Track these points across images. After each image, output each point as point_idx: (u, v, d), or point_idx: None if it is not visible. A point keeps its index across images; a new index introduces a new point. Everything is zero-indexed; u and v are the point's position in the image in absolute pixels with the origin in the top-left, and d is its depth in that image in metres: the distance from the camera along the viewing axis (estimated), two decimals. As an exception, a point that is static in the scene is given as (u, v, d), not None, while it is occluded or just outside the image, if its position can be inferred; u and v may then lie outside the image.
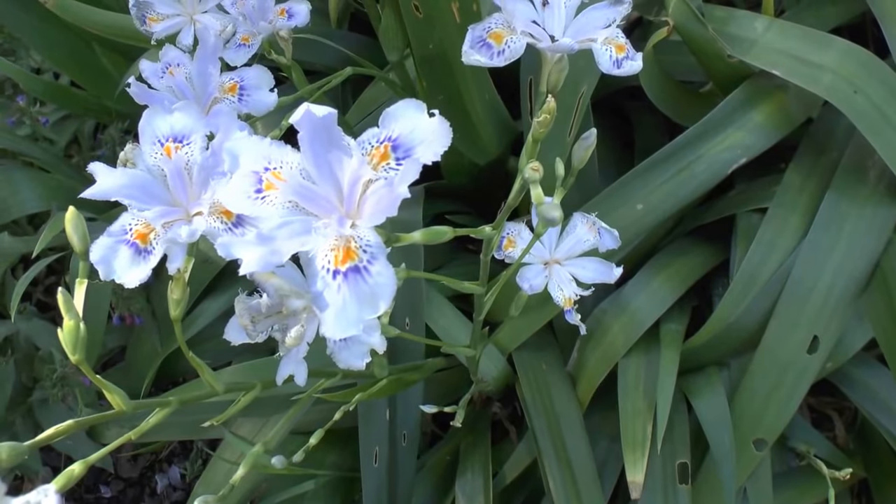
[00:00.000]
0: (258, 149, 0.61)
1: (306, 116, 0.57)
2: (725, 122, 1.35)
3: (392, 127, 0.59)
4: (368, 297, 0.55)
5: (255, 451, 0.99)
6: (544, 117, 0.69)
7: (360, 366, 0.87)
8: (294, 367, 0.84)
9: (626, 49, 0.84)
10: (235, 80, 0.99)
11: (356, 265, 0.56)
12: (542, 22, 0.82)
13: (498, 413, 1.59)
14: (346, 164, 0.59)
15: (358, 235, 0.56)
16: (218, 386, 0.83)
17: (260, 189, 0.60)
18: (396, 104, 0.59)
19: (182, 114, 0.73)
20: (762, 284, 1.32)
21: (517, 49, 0.81)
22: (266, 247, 0.57)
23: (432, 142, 0.58)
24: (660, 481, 1.31)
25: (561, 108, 1.30)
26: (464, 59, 0.80)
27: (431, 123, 0.58)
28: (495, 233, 0.76)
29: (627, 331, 1.37)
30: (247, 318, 0.77)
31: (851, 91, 1.27)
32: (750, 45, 1.33)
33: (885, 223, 1.32)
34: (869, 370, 1.44)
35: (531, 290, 1.00)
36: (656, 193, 1.34)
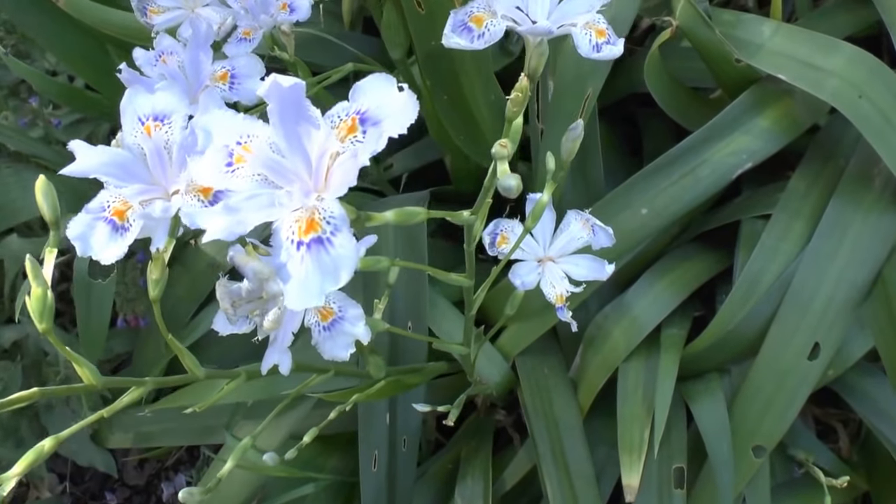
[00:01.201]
0: (230, 123, 0.61)
1: (274, 88, 0.57)
2: (731, 126, 1.34)
3: (361, 100, 0.59)
4: (331, 269, 0.55)
5: (243, 444, 0.99)
6: (516, 95, 0.68)
7: (344, 357, 0.86)
8: (278, 357, 0.84)
9: (606, 34, 0.84)
10: (227, 69, 1.00)
11: (319, 236, 0.55)
12: (526, 7, 0.82)
13: (502, 420, 1.58)
14: (314, 137, 0.58)
15: (322, 207, 0.56)
16: (199, 371, 0.83)
17: (231, 163, 0.60)
18: (366, 78, 0.59)
19: (164, 93, 0.73)
20: (764, 290, 1.31)
21: (497, 32, 0.81)
22: (231, 217, 0.57)
23: (399, 115, 0.58)
24: (655, 485, 1.30)
25: (566, 112, 1.31)
26: (444, 41, 0.80)
27: (400, 97, 0.58)
28: (475, 218, 0.76)
29: (628, 336, 1.36)
30: (227, 301, 0.77)
31: (857, 96, 1.26)
32: (757, 49, 1.32)
33: (889, 231, 1.31)
34: (873, 380, 1.42)
35: (523, 286, 1.00)
36: (661, 198, 1.33)
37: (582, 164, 1.40)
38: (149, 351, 1.62)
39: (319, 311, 0.87)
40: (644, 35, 1.68)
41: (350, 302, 0.88)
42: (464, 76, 1.28)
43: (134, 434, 1.60)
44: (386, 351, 1.35)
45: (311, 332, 0.87)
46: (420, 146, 1.66)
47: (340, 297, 0.88)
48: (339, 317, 0.87)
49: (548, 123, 1.33)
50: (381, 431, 1.36)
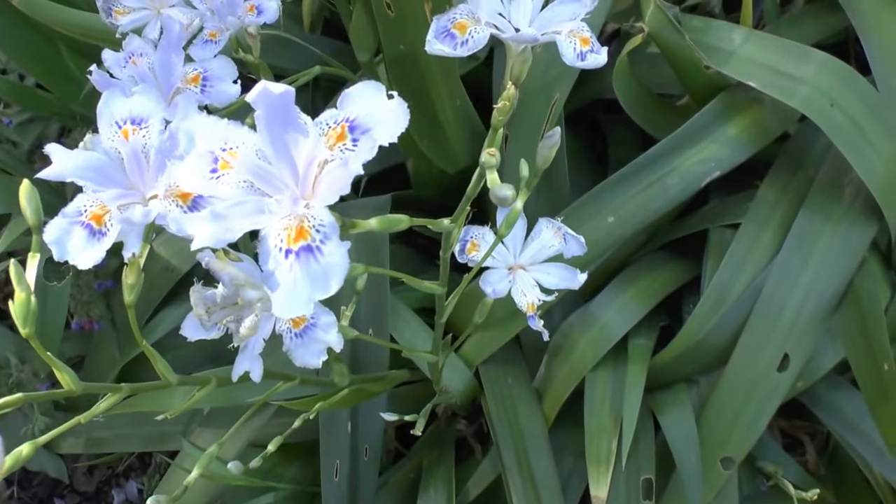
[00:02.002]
0: (214, 129, 0.63)
1: (263, 94, 0.58)
2: (699, 134, 1.37)
3: (350, 108, 0.61)
4: (320, 277, 0.56)
5: (209, 453, 1.00)
6: (503, 104, 0.70)
7: (316, 364, 0.88)
8: (250, 364, 0.86)
9: (590, 42, 0.86)
10: (199, 71, 1.01)
11: (308, 244, 0.57)
12: (509, 15, 0.85)
13: (463, 430, 1.60)
14: (302, 144, 0.60)
15: (311, 215, 0.58)
16: (172, 377, 0.84)
17: (215, 169, 0.61)
18: (356, 85, 0.61)
19: (141, 97, 0.74)
20: (733, 301, 1.34)
21: (480, 39, 0.83)
22: (219, 224, 0.58)
23: (390, 123, 0.59)
24: (624, 497, 1.33)
25: (533, 117, 1.34)
26: (427, 48, 0.82)
27: (390, 105, 0.60)
28: (454, 226, 0.78)
29: (595, 345, 1.39)
30: (202, 307, 0.78)
31: (828, 104, 1.29)
32: (727, 56, 1.35)
33: (859, 242, 1.34)
34: (841, 393, 1.45)
35: (494, 294, 1.02)
36: (628, 206, 1.35)
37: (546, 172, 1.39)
38: (103, 355, 1.62)
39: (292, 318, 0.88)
40: (609, 40, 1.71)
41: (322, 309, 0.90)
42: (430, 81, 1.30)
43: (86, 439, 1.60)
44: (347, 359, 1.36)
45: (283, 338, 0.89)
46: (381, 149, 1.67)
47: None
48: (311, 324, 0.89)
49: (513, 130, 1.35)
50: (342, 440, 1.38)
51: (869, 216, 1.34)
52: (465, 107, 1.39)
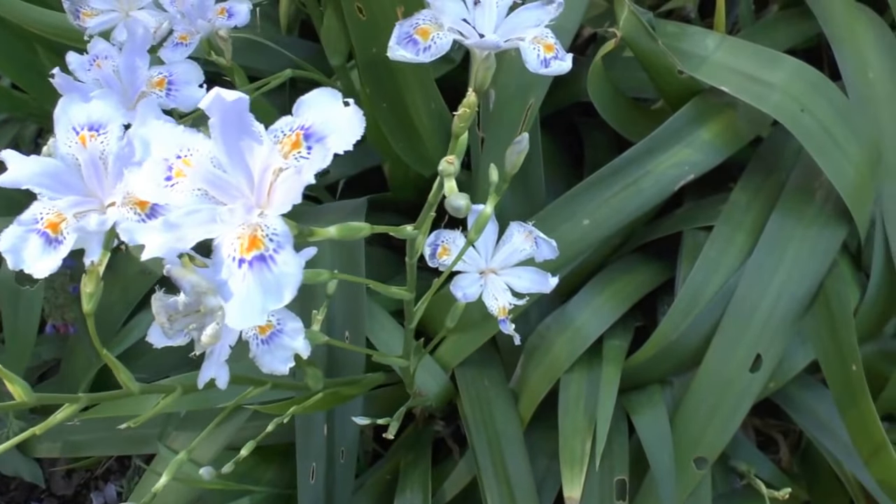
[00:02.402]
0: (169, 135, 0.60)
1: (216, 101, 0.56)
2: (673, 138, 1.35)
3: (306, 115, 0.58)
4: (274, 287, 0.54)
5: (178, 459, 0.97)
6: (463, 111, 0.68)
7: (283, 370, 0.86)
8: (215, 371, 0.83)
9: (555, 49, 0.84)
10: (164, 75, 0.98)
11: (262, 254, 0.55)
12: (473, 20, 0.82)
13: (441, 431, 1.58)
14: (257, 152, 0.58)
15: (265, 224, 0.56)
16: (133, 386, 0.82)
17: (170, 177, 0.59)
18: (311, 92, 0.59)
19: (100, 102, 0.72)
20: (706, 302, 1.32)
21: (443, 45, 0.81)
22: (171, 233, 0.56)
23: (345, 131, 0.57)
24: (597, 498, 1.31)
25: (508, 121, 1.32)
26: (389, 53, 0.80)
27: (345, 113, 0.57)
28: (417, 233, 0.76)
29: (570, 347, 1.37)
30: (164, 316, 0.76)
31: (799, 109, 1.27)
32: (700, 62, 1.34)
33: (830, 245, 1.33)
34: (813, 392, 1.44)
35: (465, 298, 1.00)
36: (603, 209, 1.33)
37: (523, 175, 1.38)
38: (78, 358, 1.60)
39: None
40: (586, 44, 1.69)
41: (289, 315, 0.87)
42: (404, 84, 1.28)
43: (62, 443, 1.57)
44: (323, 362, 1.35)
45: (250, 345, 0.86)
46: (358, 152, 1.63)
47: (279, 309, 0.87)
48: (277, 330, 0.86)
49: (489, 133, 1.33)
50: (318, 443, 1.36)
51: (839, 219, 1.33)
52: (440, 110, 1.37)
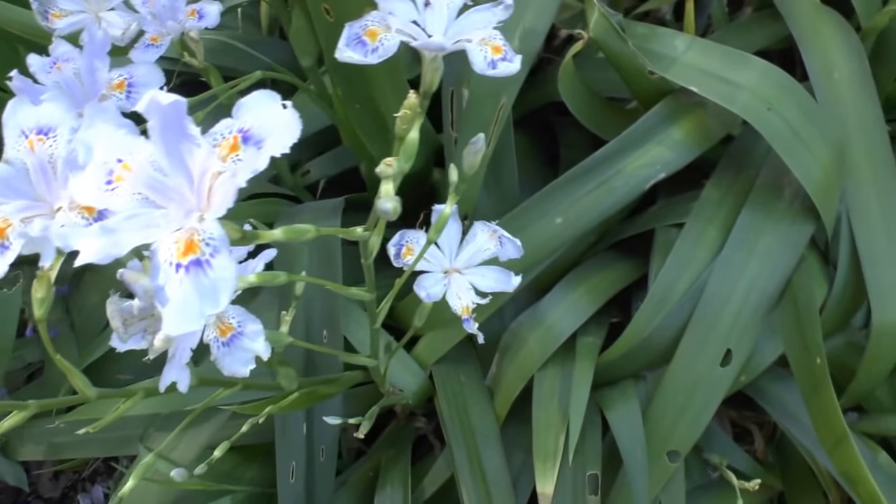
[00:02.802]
0: (111, 139, 0.59)
1: (153, 105, 0.55)
2: (645, 137, 1.33)
3: (244, 118, 0.57)
4: (210, 292, 0.53)
5: (146, 462, 0.96)
6: (404, 113, 0.67)
7: (244, 373, 0.84)
8: (176, 374, 0.81)
9: (503, 50, 0.82)
10: (124, 77, 0.96)
11: (198, 258, 0.53)
12: (424, 22, 0.81)
13: (422, 428, 1.57)
14: (196, 155, 0.56)
15: (202, 228, 0.54)
16: (90, 392, 0.80)
17: (111, 181, 0.58)
18: (250, 95, 0.57)
19: (50, 105, 0.70)
20: (678, 298, 1.31)
21: (390, 47, 0.79)
22: (107, 238, 0.54)
23: (283, 133, 0.55)
24: (570, 492, 1.30)
25: (480, 120, 1.30)
26: (337, 55, 0.78)
27: (283, 115, 0.56)
28: (369, 234, 0.74)
29: (544, 344, 1.35)
30: (118, 320, 0.74)
31: (766, 109, 1.26)
32: (670, 63, 1.32)
33: (798, 240, 1.32)
34: (783, 384, 1.43)
35: (429, 298, 0.98)
36: (575, 207, 1.32)
37: (497, 174, 1.39)
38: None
39: (218, 326, 0.84)
40: (563, 45, 1.68)
41: (249, 317, 0.85)
42: (375, 84, 1.26)
43: (46, 446, 1.56)
44: (301, 360, 1.33)
45: (211, 347, 0.84)
46: (338, 152, 1.64)
47: (240, 311, 0.85)
48: (238, 332, 0.84)
49: (462, 132, 1.32)
50: (298, 442, 1.34)
51: (807, 215, 1.32)
52: (412, 110, 1.35)
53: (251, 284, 0.74)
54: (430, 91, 0.77)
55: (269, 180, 1.63)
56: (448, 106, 1.36)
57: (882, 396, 1.45)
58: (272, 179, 1.63)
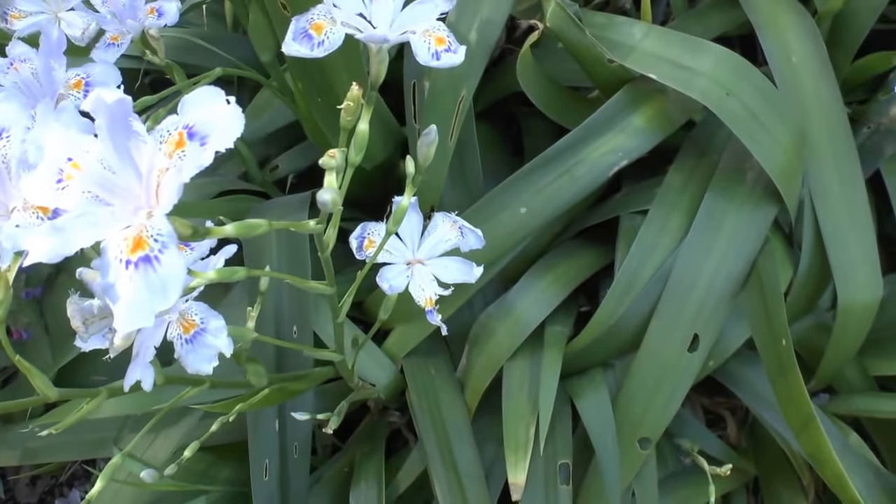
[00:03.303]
0: (61, 138, 0.60)
1: (98, 103, 0.56)
2: (606, 125, 1.35)
3: (189, 115, 0.58)
4: (159, 288, 0.54)
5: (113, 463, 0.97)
6: (347, 105, 0.68)
7: (207, 370, 0.85)
8: (141, 372, 0.82)
9: (446, 41, 0.84)
10: (81, 77, 0.97)
11: (147, 255, 0.54)
12: (370, 15, 0.82)
13: (396, 422, 1.58)
14: (143, 152, 0.57)
15: (150, 225, 0.55)
16: (51, 392, 0.81)
17: (61, 179, 0.59)
18: (194, 91, 0.58)
19: (3, 105, 0.71)
20: (644, 284, 1.32)
21: (336, 40, 0.80)
22: (57, 237, 0.55)
23: (226, 129, 0.56)
24: (542, 482, 1.31)
25: (441, 114, 1.31)
26: (284, 49, 0.80)
27: (227, 111, 0.57)
28: (320, 227, 0.75)
29: (512, 334, 1.37)
30: (78, 319, 0.75)
31: (724, 94, 1.28)
32: (629, 51, 1.33)
33: (762, 223, 1.34)
34: (752, 368, 1.44)
35: (392, 290, 0.99)
36: (539, 197, 1.33)
37: (461, 165, 1.40)
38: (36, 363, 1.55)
39: (182, 323, 0.85)
40: (524, 36, 1.68)
41: (212, 313, 0.86)
42: (335, 78, 1.27)
43: (21, 450, 1.56)
44: (272, 357, 1.34)
45: (174, 345, 0.85)
46: (305, 147, 1.65)
47: (202, 308, 0.86)
48: (201, 329, 0.85)
49: (424, 124, 1.33)
50: (270, 439, 1.35)
51: (770, 198, 1.34)
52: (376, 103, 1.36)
53: (210, 280, 0.75)
54: (377, 83, 0.78)
55: (239, 177, 1.64)
56: (410, 98, 1.37)
57: (851, 377, 1.47)
58: (241, 176, 1.64)
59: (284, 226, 0.70)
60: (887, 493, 1.33)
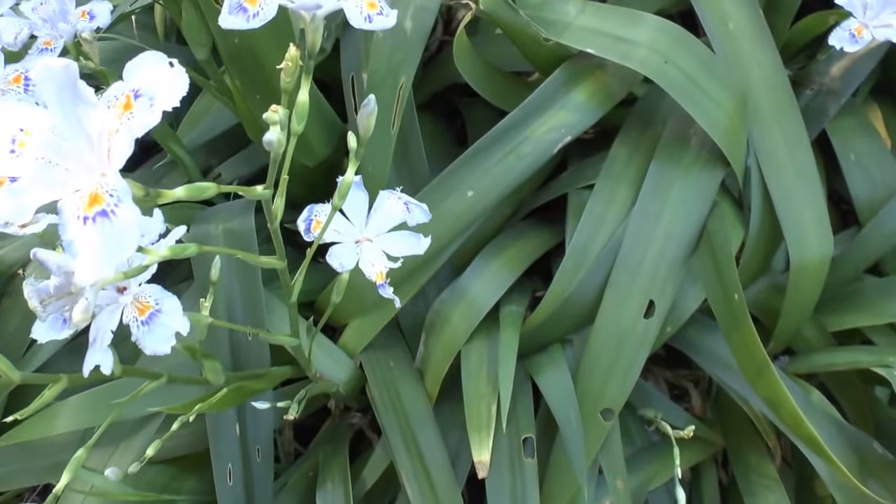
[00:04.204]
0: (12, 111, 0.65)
1: (47, 71, 0.61)
2: (547, 103, 1.41)
3: (134, 79, 0.64)
4: (117, 239, 0.59)
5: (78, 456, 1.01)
6: (286, 65, 0.74)
7: (165, 350, 0.89)
8: (99, 357, 0.87)
9: (378, 6, 0.90)
10: (20, 72, 1.02)
11: (103, 209, 0.59)
12: (306, -15, 0.88)
13: (358, 422, 1.62)
14: (92, 117, 0.63)
15: (104, 182, 0.61)
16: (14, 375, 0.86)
17: (14, 150, 0.64)
18: (138, 57, 0.64)
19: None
20: (595, 256, 1.38)
21: (270, 11, 0.85)
22: (15, 200, 0.61)
23: (171, 89, 0.62)
24: (507, 459, 1.36)
25: (382, 102, 1.35)
26: (221, 22, 0.85)
27: (170, 72, 0.63)
28: (267, 193, 0.81)
29: (468, 317, 1.42)
30: (35, 300, 0.80)
31: (663, 62, 1.34)
32: (564, 28, 1.39)
33: (709, 187, 1.40)
34: (711, 335, 1.51)
35: (342, 268, 1.04)
36: (485, 179, 1.39)
37: (405, 154, 1.45)
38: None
39: (136, 306, 0.91)
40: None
41: (166, 294, 0.92)
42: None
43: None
44: (228, 358, 1.38)
45: (131, 328, 0.90)
46: (248, 153, 1.70)
47: (157, 290, 0.92)
48: (156, 310, 0.91)
49: (365, 116, 1.38)
50: (232, 443, 1.39)
51: (716, 162, 1.41)
52: (315, 98, 1.42)
53: (163, 257, 0.80)
54: (313, 52, 0.84)
55: (182, 187, 1.68)
56: (350, 92, 1.43)
57: (810, 336, 1.54)
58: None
59: (232, 189, 0.75)
60: (852, 445, 1.39)
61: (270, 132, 0.69)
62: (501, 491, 1.35)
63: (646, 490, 1.49)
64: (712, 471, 1.61)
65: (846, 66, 1.60)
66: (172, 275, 1.57)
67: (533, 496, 1.35)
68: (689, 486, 1.61)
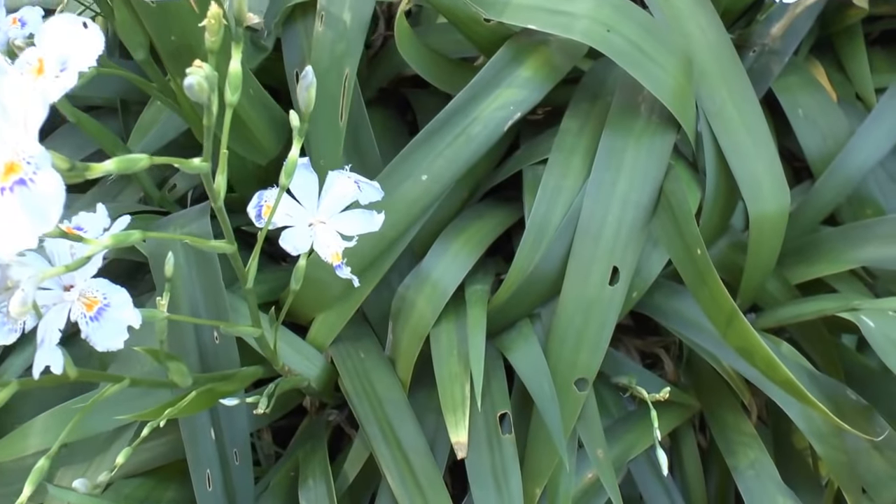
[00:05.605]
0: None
1: (-50, 42, 0.56)
2: (494, 82, 1.37)
3: (48, 42, 0.59)
4: (38, 207, 0.55)
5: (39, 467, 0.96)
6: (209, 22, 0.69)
7: (118, 345, 0.84)
8: (49, 357, 0.82)
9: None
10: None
11: (22, 178, 0.55)
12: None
13: (335, 419, 1.58)
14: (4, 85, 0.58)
15: (21, 150, 0.56)
16: (-39, 379, 0.81)
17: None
18: (50, 20, 0.60)
19: None
20: (555, 229, 1.35)
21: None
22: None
23: (86, 49, 0.58)
24: (484, 437, 1.32)
25: (327, 96, 1.33)
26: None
27: (84, 32, 0.59)
28: (206, 166, 0.76)
29: (433, 301, 1.38)
30: (-29, 300, 0.75)
31: (605, 31, 1.31)
32: (504, 7, 1.36)
33: (662, 150, 1.37)
34: (678, 297, 1.48)
35: (296, 251, 0.99)
36: (438, 161, 1.35)
37: (356, 145, 1.42)
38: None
39: (83, 302, 0.85)
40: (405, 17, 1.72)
41: (114, 288, 0.87)
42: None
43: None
44: (196, 361, 1.33)
45: (80, 325, 0.85)
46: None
47: (103, 284, 0.86)
48: (104, 304, 0.85)
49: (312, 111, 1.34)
50: (208, 448, 1.34)
51: (667, 125, 1.37)
52: (261, 95, 1.38)
53: (106, 247, 0.75)
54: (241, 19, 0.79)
55: (139, 201, 1.64)
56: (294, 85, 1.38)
57: (774, 290, 1.52)
58: (141, 200, 1.64)
59: (168, 160, 0.70)
60: (824, 392, 1.36)
61: (191, 77, 0.64)
62: (481, 469, 1.31)
63: (626, 459, 1.46)
64: (690, 435, 1.58)
65: (785, 25, 1.58)
66: (138, 287, 1.53)
67: (514, 473, 1.30)
68: (670, 452, 1.58)
